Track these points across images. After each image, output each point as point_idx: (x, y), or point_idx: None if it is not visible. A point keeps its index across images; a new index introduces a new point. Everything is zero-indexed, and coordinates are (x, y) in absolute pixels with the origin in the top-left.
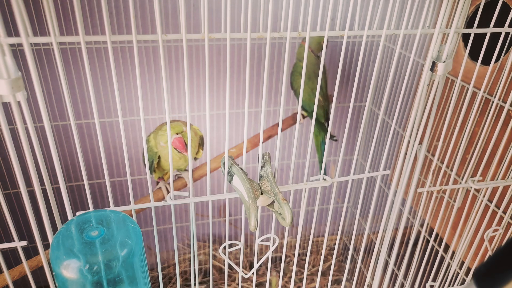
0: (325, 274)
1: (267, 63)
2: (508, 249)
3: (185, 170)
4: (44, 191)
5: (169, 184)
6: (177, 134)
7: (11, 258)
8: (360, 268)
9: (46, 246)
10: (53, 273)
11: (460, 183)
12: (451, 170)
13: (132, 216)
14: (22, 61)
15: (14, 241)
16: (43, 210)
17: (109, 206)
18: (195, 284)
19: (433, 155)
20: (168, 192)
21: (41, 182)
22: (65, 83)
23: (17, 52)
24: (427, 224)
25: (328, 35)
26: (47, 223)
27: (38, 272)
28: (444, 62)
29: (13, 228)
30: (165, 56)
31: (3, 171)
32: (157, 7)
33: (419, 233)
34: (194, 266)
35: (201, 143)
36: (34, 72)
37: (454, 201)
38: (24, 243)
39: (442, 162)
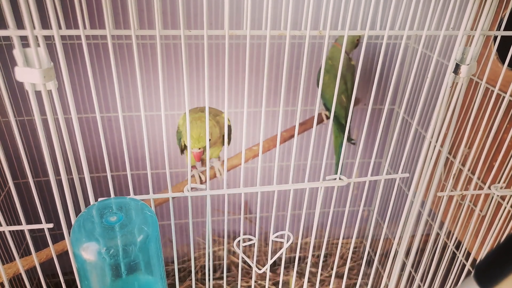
0: (342, 276)
1: (286, 62)
2: (508, 244)
3: (216, 158)
4: (70, 180)
5: (201, 172)
6: (199, 149)
7: (40, 244)
8: (378, 269)
9: None
10: (74, 255)
11: (483, 189)
12: (473, 174)
13: (151, 206)
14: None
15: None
16: (68, 198)
17: (130, 195)
18: (209, 280)
19: (454, 157)
20: (201, 180)
21: (68, 172)
22: (91, 75)
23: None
24: (447, 229)
25: (348, 34)
26: (72, 210)
27: (64, 258)
28: (468, 64)
29: (42, 212)
30: (186, 52)
31: (36, 159)
32: (180, 4)
33: (438, 237)
34: (208, 260)
35: (229, 133)
36: (63, 64)
37: (476, 206)
38: (51, 225)
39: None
